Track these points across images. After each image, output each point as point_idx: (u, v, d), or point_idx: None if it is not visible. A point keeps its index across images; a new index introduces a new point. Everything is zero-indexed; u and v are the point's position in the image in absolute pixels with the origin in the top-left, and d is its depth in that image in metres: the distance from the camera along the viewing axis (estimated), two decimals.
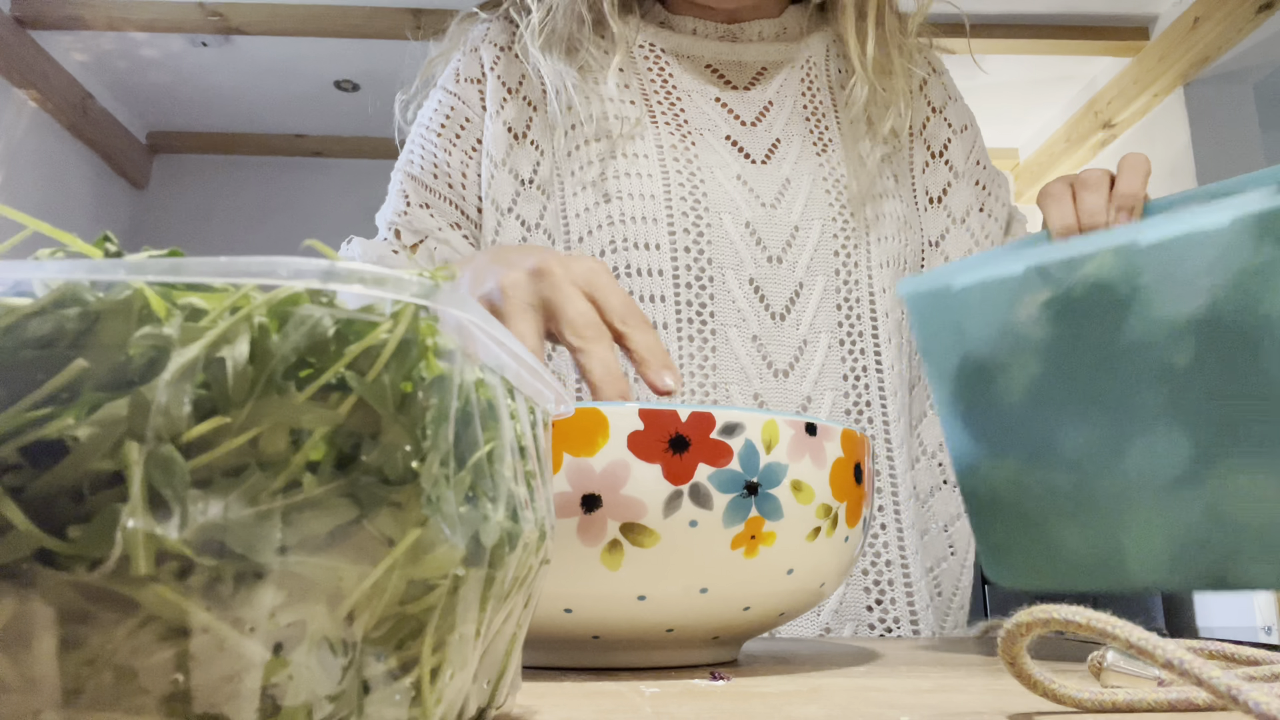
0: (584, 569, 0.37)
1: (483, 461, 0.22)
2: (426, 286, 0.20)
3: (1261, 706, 0.22)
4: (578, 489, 0.36)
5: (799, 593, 0.40)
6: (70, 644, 0.17)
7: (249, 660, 0.17)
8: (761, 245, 0.76)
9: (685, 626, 0.39)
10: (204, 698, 0.17)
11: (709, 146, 0.79)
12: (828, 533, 0.40)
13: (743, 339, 0.74)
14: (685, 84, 0.82)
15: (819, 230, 0.77)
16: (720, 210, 0.76)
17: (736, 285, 0.75)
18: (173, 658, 0.17)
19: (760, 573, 0.38)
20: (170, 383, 0.17)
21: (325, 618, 0.18)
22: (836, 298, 0.76)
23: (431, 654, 0.20)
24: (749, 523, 0.37)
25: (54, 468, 0.17)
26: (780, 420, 0.38)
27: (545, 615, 0.38)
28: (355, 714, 0.18)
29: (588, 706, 0.30)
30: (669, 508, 0.36)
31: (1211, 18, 2.67)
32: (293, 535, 0.17)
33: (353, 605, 0.18)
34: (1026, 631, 0.27)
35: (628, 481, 0.36)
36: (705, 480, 0.36)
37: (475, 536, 0.21)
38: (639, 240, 0.74)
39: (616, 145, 0.77)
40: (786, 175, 0.79)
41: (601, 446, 0.36)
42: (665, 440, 0.36)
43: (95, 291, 0.18)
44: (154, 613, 0.16)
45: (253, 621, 0.17)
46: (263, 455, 0.17)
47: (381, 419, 0.19)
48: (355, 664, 0.19)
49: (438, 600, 0.20)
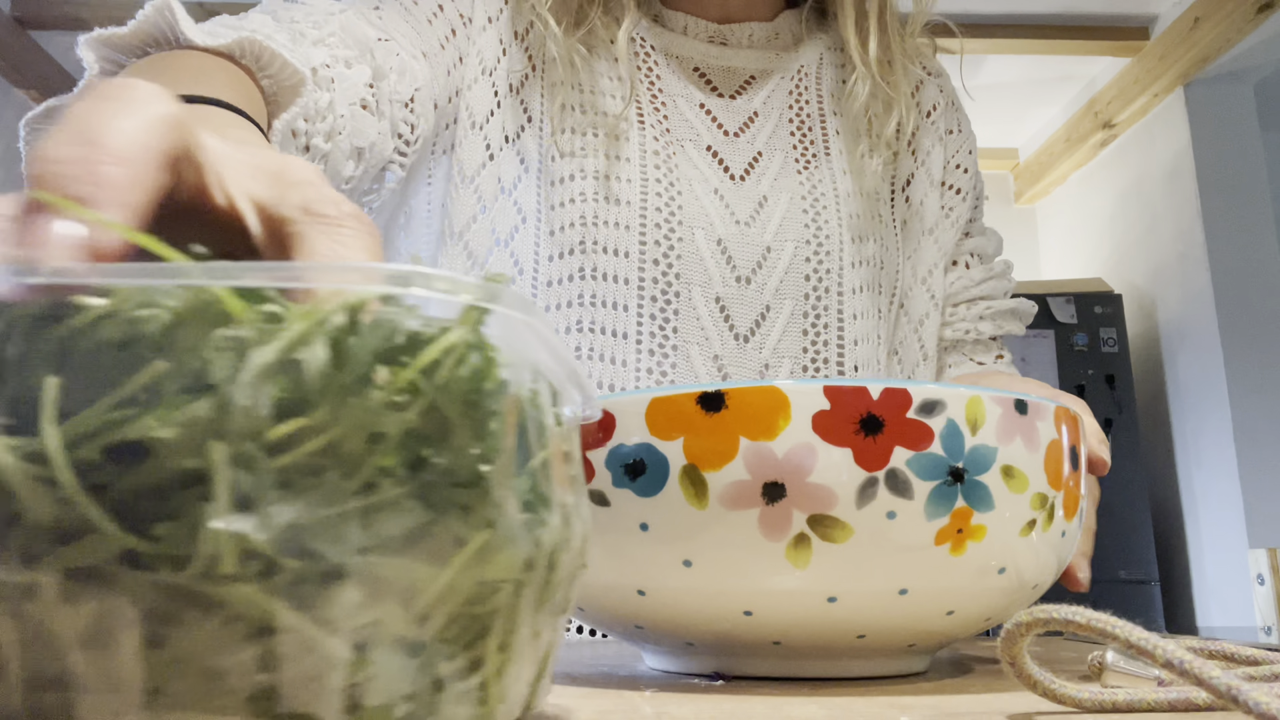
0: (767, 566, 0.33)
1: (539, 466, 0.22)
2: (492, 291, 0.20)
3: (1261, 706, 0.22)
4: (757, 476, 0.32)
5: (1010, 595, 0.36)
6: (153, 644, 0.17)
7: (333, 659, 0.17)
8: (731, 265, 0.75)
9: (880, 632, 0.35)
10: (291, 696, 0.17)
11: (688, 158, 0.78)
12: (1044, 526, 0.36)
13: (704, 357, 0.73)
14: (672, 87, 0.80)
15: (791, 252, 0.76)
16: (694, 225, 0.75)
17: (703, 303, 0.74)
18: (257, 657, 0.17)
19: (967, 572, 0.34)
20: (251, 383, 0.17)
21: (400, 618, 0.18)
22: (804, 322, 0.76)
23: (497, 653, 0.21)
24: (955, 514, 0.33)
25: (137, 468, 0.17)
26: (986, 396, 0.34)
27: (722, 618, 0.35)
28: (430, 713, 0.19)
29: (588, 706, 0.30)
30: (862, 497, 0.32)
31: (1211, 18, 2.67)
32: (371, 536, 0.18)
33: (426, 605, 0.19)
34: (1026, 631, 0.27)
35: (815, 468, 0.32)
36: (903, 466, 0.32)
37: (536, 540, 0.21)
38: (609, 245, 0.73)
39: (604, 143, 0.76)
40: (764, 193, 0.78)
41: (783, 429, 0.32)
42: (855, 421, 0.32)
43: (172, 294, 0.18)
44: (239, 612, 0.17)
45: (336, 621, 0.17)
46: (340, 456, 0.18)
47: (451, 422, 0.19)
48: (428, 664, 0.19)
49: (503, 601, 0.20)
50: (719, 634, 0.36)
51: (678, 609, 0.35)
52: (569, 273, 0.74)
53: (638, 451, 0.34)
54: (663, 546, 0.34)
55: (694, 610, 0.35)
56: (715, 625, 0.35)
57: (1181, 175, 2.91)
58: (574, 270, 0.74)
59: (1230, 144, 2.88)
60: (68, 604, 0.17)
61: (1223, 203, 2.84)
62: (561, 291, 0.74)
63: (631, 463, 0.34)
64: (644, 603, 0.36)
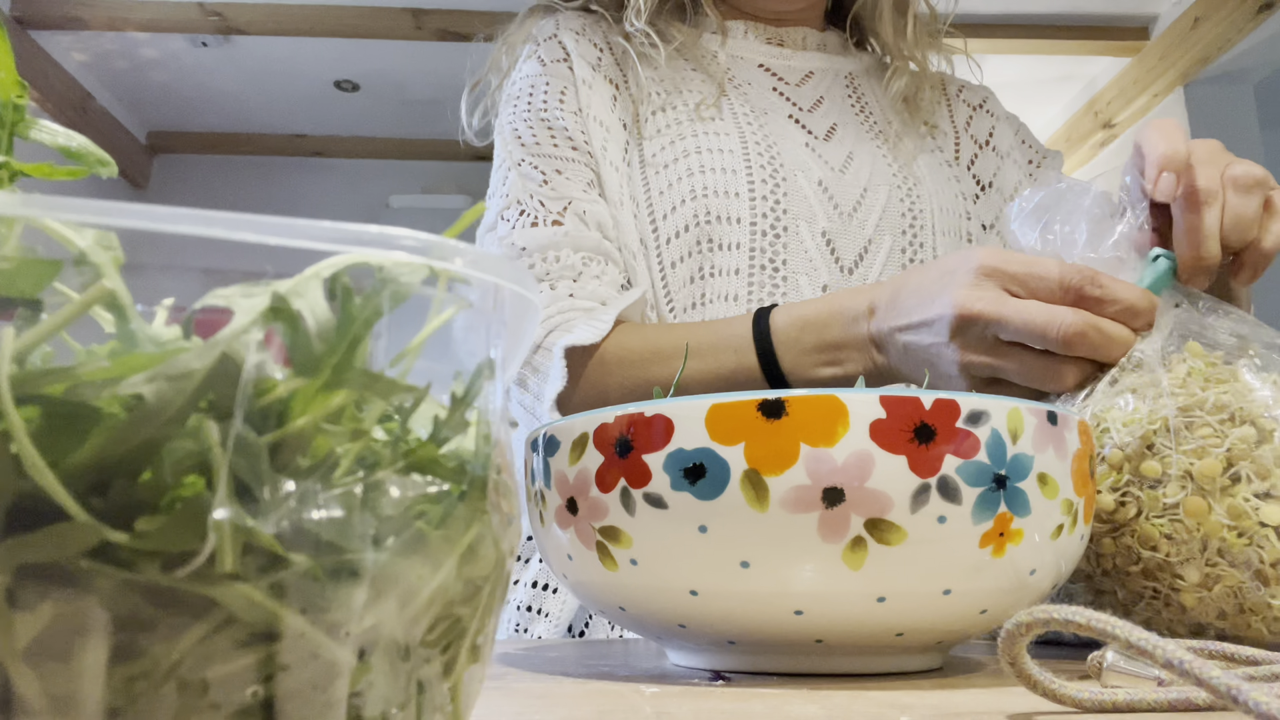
0: (823, 568, 0.34)
1: (506, 460, 0.21)
2: (520, 270, 0.19)
3: (1261, 706, 0.22)
4: (817, 481, 0.33)
5: (1035, 595, 0.38)
6: (123, 655, 0.14)
7: (340, 666, 0.15)
8: (833, 201, 0.80)
9: (918, 631, 0.36)
10: (290, 710, 0.15)
11: (775, 121, 0.84)
12: (1069, 530, 0.37)
13: (813, 288, 0.77)
14: (743, 76, 0.88)
15: (885, 194, 0.82)
16: (794, 169, 0.80)
17: (809, 237, 0.78)
18: (252, 665, 0.15)
19: (1004, 573, 0.36)
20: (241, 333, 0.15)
21: (396, 619, 0.16)
22: (903, 258, 0.81)
23: (468, 655, 0.19)
24: (998, 519, 0.35)
25: (101, 435, 0.14)
26: (1024, 408, 0.36)
27: (773, 618, 0.36)
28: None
29: (588, 706, 0.30)
30: (916, 502, 0.34)
31: (1211, 18, 2.68)
32: (384, 527, 0.16)
33: (420, 605, 0.17)
34: (1026, 631, 0.27)
35: (872, 474, 0.33)
36: (953, 473, 0.34)
37: (507, 536, 0.20)
38: (719, 188, 0.77)
39: (696, 111, 0.82)
40: (850, 150, 0.84)
41: (842, 436, 0.34)
42: (910, 429, 0.34)
43: None
44: (235, 616, 0.14)
45: (346, 624, 0.15)
46: (344, 435, 0.16)
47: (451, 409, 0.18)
48: (414, 669, 0.17)
49: (482, 600, 0.19)
50: (766, 633, 0.36)
51: (729, 609, 0.36)
52: (685, 224, 0.78)
53: (698, 455, 0.34)
54: (721, 548, 0.34)
55: (746, 610, 0.35)
56: (765, 625, 0.36)
57: None
58: (689, 219, 0.78)
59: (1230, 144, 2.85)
60: (16, 609, 0.14)
61: None
62: (680, 246, 0.78)
63: (691, 466, 0.34)
64: (695, 603, 0.36)
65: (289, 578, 0.15)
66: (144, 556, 0.14)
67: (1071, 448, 0.37)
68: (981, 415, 0.35)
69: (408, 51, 3.26)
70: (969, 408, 0.34)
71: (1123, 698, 0.28)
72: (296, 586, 0.15)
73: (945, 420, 0.34)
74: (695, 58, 0.87)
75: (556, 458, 0.39)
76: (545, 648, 0.53)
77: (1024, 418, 0.35)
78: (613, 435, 0.36)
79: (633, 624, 0.40)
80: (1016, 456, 0.35)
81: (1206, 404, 0.45)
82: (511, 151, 0.81)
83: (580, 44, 0.86)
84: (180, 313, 0.16)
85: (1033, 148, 0.93)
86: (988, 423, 0.35)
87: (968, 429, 0.34)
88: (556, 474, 0.39)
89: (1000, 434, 0.35)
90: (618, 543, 0.36)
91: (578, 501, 0.38)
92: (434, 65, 3.33)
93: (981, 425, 0.35)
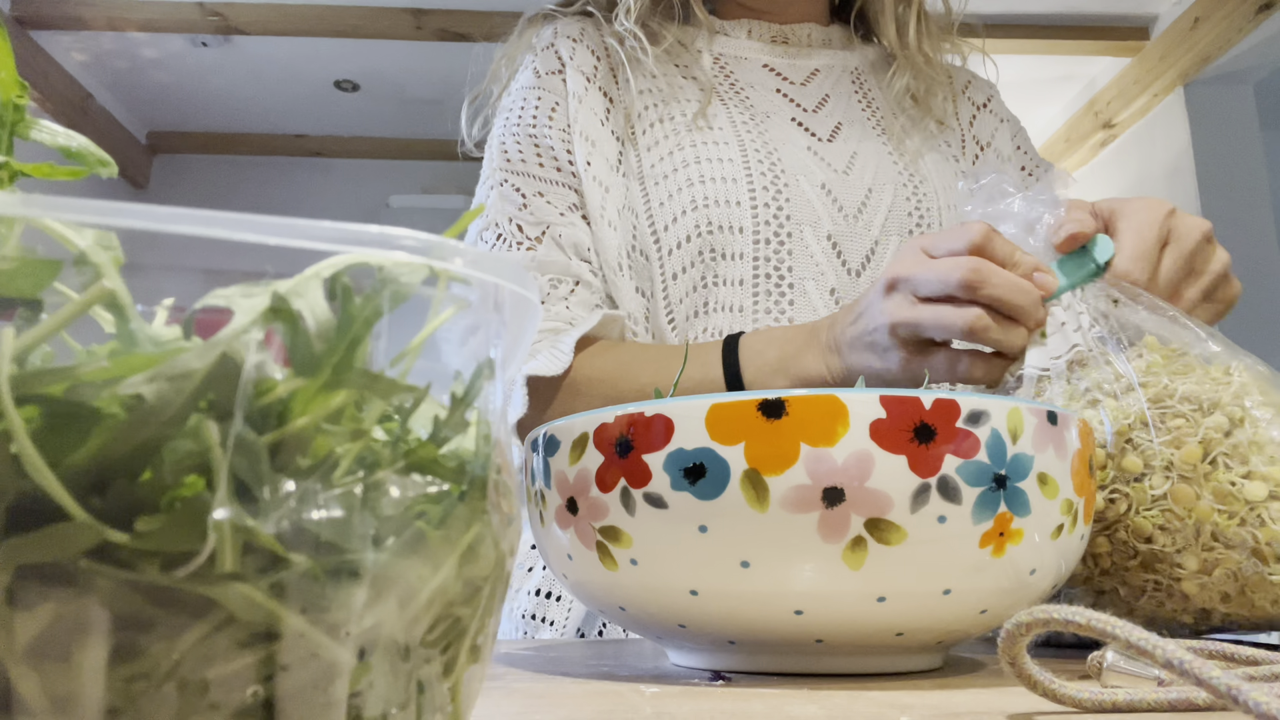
0: (823, 568, 0.34)
1: (506, 460, 0.21)
2: (520, 271, 0.19)
3: (1262, 706, 0.22)
4: (818, 481, 0.33)
5: (1035, 595, 0.38)
6: (122, 655, 0.14)
7: (340, 666, 0.15)
8: (838, 204, 0.80)
9: (917, 631, 0.36)
10: (290, 710, 0.15)
11: (776, 125, 0.84)
12: (1069, 530, 0.37)
13: (820, 293, 0.77)
14: (746, 78, 0.87)
15: (891, 194, 0.81)
16: (796, 173, 0.80)
17: (814, 241, 0.78)
18: (252, 665, 0.15)
19: (1004, 573, 0.36)
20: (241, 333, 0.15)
21: (396, 619, 0.16)
22: None
23: (468, 656, 0.19)
24: (998, 519, 0.35)
25: (101, 436, 0.14)
26: (1024, 407, 0.36)
27: (773, 617, 0.35)
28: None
29: (588, 706, 0.30)
30: (916, 502, 0.34)
31: (1211, 18, 2.68)
32: (384, 527, 0.16)
33: (420, 606, 0.17)
34: (1026, 631, 0.27)
35: (872, 474, 0.33)
36: (953, 473, 0.34)
37: (507, 536, 0.20)
38: (720, 198, 0.77)
39: (693, 121, 0.82)
40: (854, 150, 0.84)
41: (841, 436, 0.33)
42: (910, 429, 0.34)
43: None
44: (235, 616, 0.15)
45: (346, 624, 0.15)
46: (344, 435, 0.16)
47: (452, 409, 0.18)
48: (414, 669, 0.17)
49: (482, 600, 0.19)
50: (766, 633, 0.36)
51: (729, 608, 0.36)
52: (686, 234, 0.78)
53: (698, 455, 0.34)
54: (721, 548, 0.34)
55: (746, 610, 0.35)
56: (765, 624, 0.36)
57: (1181, 175, 2.92)
58: (690, 230, 0.77)
59: (1230, 144, 2.89)
60: (16, 609, 0.14)
61: (1222, 202, 2.85)
62: (682, 257, 0.78)
63: (691, 466, 0.34)
64: (694, 602, 0.36)
65: (289, 578, 0.15)
66: (144, 556, 0.14)
67: (1071, 447, 0.37)
68: (981, 415, 0.35)
69: (408, 51, 3.26)
70: (969, 408, 0.34)
71: (1123, 698, 0.28)
72: (296, 586, 0.15)
73: (945, 420, 0.34)
74: (688, 63, 0.86)
75: (556, 458, 0.39)
76: (546, 648, 0.53)
77: (1024, 417, 0.35)
78: (613, 435, 0.36)
79: (633, 624, 0.40)
80: (1016, 456, 0.35)
81: (1176, 394, 0.45)
82: (498, 168, 0.82)
83: (577, 52, 0.85)
84: (180, 313, 0.16)
85: (1029, 155, 0.93)
86: (988, 422, 0.35)
87: (968, 429, 0.34)
88: (556, 474, 0.39)
89: (1000, 434, 0.35)
90: (618, 542, 0.36)
91: (578, 501, 0.37)
92: (434, 65, 3.33)
93: (981, 425, 0.34)
